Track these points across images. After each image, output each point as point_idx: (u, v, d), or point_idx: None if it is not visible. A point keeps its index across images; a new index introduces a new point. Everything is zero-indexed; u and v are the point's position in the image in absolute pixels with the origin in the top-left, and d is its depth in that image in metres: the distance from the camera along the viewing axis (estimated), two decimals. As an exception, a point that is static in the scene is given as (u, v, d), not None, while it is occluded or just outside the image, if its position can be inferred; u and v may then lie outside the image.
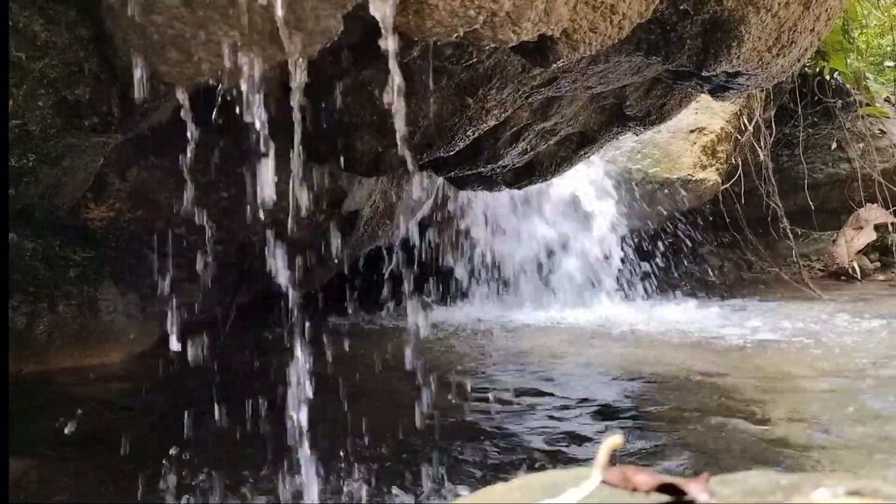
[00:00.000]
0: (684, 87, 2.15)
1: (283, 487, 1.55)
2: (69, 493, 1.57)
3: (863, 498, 0.49)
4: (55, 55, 1.34)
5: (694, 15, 1.71)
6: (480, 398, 2.23)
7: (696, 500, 0.52)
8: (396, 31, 1.26)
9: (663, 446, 1.80)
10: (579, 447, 1.81)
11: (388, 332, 3.38)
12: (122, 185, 2.18)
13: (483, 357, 2.85)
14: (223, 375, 2.28)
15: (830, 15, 1.98)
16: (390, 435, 1.82)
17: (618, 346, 3.07)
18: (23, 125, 1.45)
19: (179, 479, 1.58)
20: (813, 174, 5.18)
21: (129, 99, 1.41)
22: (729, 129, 4.45)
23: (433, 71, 1.72)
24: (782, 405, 2.09)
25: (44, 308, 2.47)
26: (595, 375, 2.54)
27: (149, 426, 2.02)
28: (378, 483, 1.59)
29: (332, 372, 2.54)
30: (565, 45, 1.50)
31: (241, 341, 2.96)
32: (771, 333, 3.18)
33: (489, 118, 1.97)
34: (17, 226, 2.20)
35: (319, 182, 2.51)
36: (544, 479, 0.58)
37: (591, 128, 2.48)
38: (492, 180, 2.68)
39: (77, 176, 1.97)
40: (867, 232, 4.90)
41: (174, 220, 2.33)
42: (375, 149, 1.95)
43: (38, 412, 2.11)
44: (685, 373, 2.51)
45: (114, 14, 1.25)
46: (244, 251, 2.65)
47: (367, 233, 3.03)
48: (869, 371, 2.47)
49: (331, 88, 1.80)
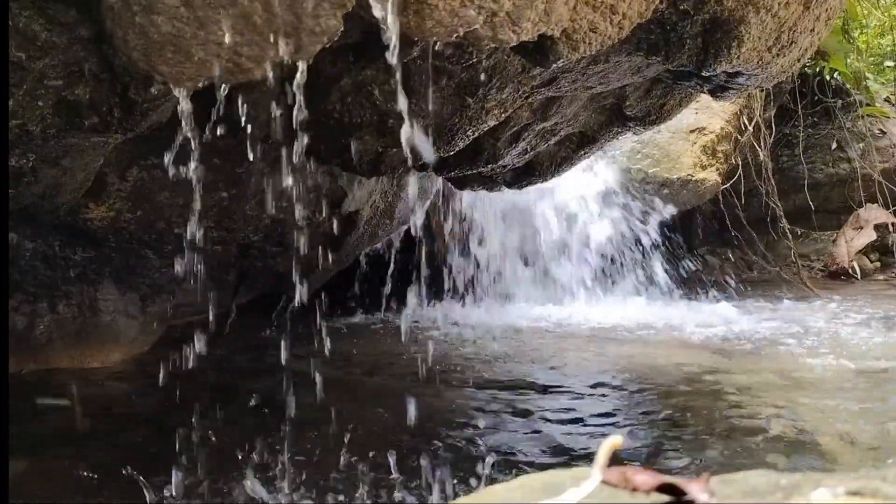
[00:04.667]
0: (684, 87, 2.15)
1: (283, 487, 1.55)
2: (69, 493, 1.58)
3: (863, 498, 0.49)
4: (55, 55, 1.34)
5: (694, 15, 1.71)
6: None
7: (697, 500, 0.52)
8: (392, 34, 1.26)
9: (663, 446, 1.80)
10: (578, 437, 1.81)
11: (387, 332, 3.38)
12: (122, 185, 2.18)
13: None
14: (223, 375, 2.28)
15: (830, 15, 1.97)
16: (390, 433, 1.82)
17: (615, 345, 3.07)
18: (23, 125, 1.45)
19: (179, 480, 1.58)
20: (813, 174, 5.18)
21: (129, 99, 1.41)
22: (729, 128, 4.45)
23: (433, 71, 1.72)
24: (782, 404, 2.09)
25: (44, 308, 2.47)
26: (594, 374, 2.54)
27: (148, 426, 2.01)
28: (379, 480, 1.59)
29: (334, 372, 2.54)
30: (565, 45, 1.50)
31: (241, 341, 2.96)
32: (771, 333, 3.18)
33: (489, 118, 1.97)
34: (17, 226, 2.20)
35: (319, 182, 2.51)
36: (544, 479, 0.58)
37: (591, 128, 2.48)
38: (492, 180, 2.68)
39: (77, 176, 1.96)
40: (867, 232, 4.90)
41: (174, 220, 2.32)
42: (375, 149, 1.95)
43: (38, 412, 2.11)
44: (685, 372, 2.51)
45: (114, 14, 1.25)
46: (244, 251, 2.65)
47: (368, 233, 3.03)
48: (869, 371, 2.47)
49: (331, 88, 1.80)
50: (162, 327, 2.82)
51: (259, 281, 2.99)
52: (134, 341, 2.72)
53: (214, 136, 1.53)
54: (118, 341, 2.66)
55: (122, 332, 2.66)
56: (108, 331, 2.62)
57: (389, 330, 3.43)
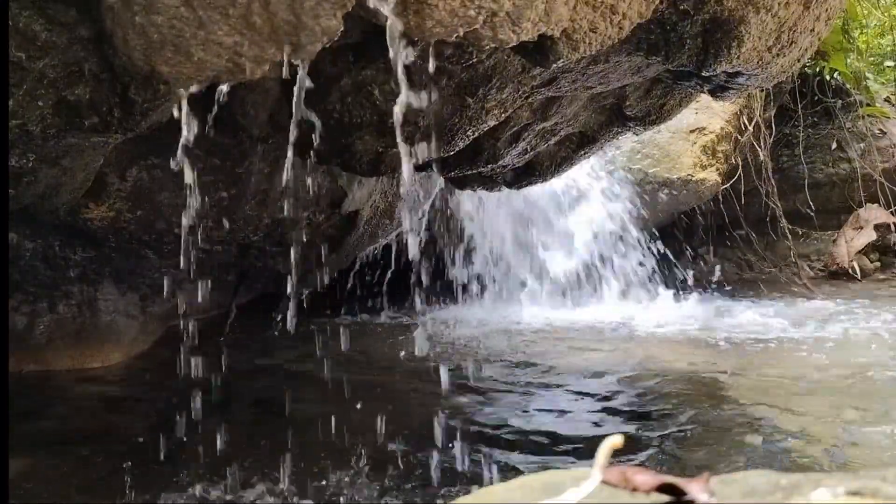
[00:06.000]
0: (684, 87, 2.15)
1: (283, 487, 1.55)
2: (69, 493, 1.58)
3: (863, 498, 0.49)
4: (55, 55, 1.34)
5: (694, 15, 1.71)
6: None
7: (696, 500, 0.52)
8: (395, 33, 1.26)
9: (664, 446, 1.80)
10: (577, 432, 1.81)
11: (388, 331, 3.38)
12: (122, 185, 2.17)
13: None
14: (223, 375, 2.28)
15: (830, 15, 1.97)
16: (389, 432, 1.82)
17: (615, 345, 3.07)
18: (23, 125, 1.45)
19: (179, 480, 1.58)
20: (813, 174, 5.18)
21: (129, 99, 1.41)
22: (729, 129, 4.45)
23: (433, 71, 1.72)
24: (782, 404, 2.09)
25: (44, 308, 2.47)
26: (594, 374, 2.54)
27: (148, 426, 2.01)
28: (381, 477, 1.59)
29: (334, 372, 2.54)
30: (565, 45, 1.50)
31: (240, 341, 2.96)
32: (771, 333, 3.18)
33: (489, 118, 1.97)
34: (17, 226, 2.20)
35: (319, 182, 2.51)
36: (544, 479, 0.58)
37: (592, 128, 2.48)
38: (492, 180, 2.68)
39: (77, 176, 1.96)
40: (867, 232, 4.90)
41: (174, 220, 2.32)
42: (375, 149, 1.95)
43: (39, 412, 2.11)
44: (686, 372, 2.51)
45: (114, 14, 1.25)
46: (244, 251, 2.65)
47: (368, 233, 3.02)
48: (869, 370, 2.47)
49: (331, 88, 1.80)
50: (162, 327, 2.82)
51: (259, 281, 2.99)
52: (134, 341, 2.72)
53: (215, 135, 1.53)
54: (118, 341, 2.66)
55: (122, 332, 2.67)
56: (108, 331, 2.62)
57: (390, 330, 3.43)
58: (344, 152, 1.96)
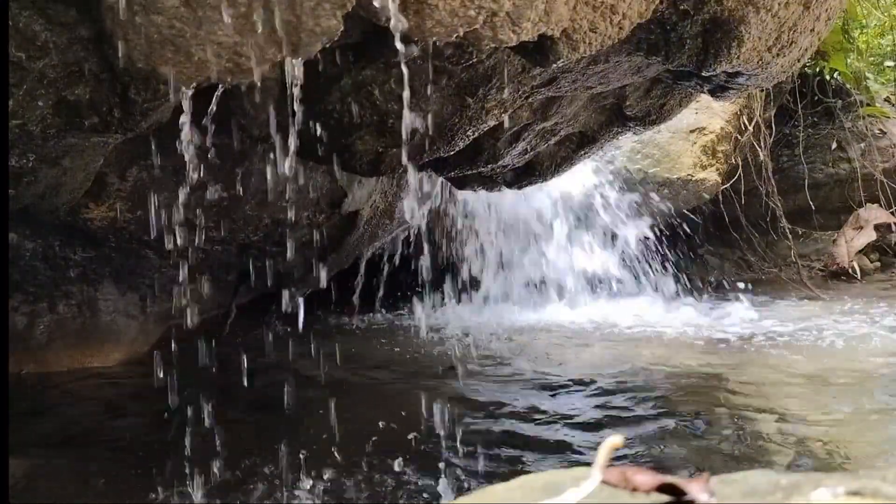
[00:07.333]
0: (684, 87, 2.15)
1: (283, 487, 1.55)
2: (69, 493, 1.57)
3: (863, 498, 0.49)
4: (55, 55, 1.34)
5: (694, 15, 1.71)
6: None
7: (697, 500, 0.52)
8: (397, 32, 1.26)
9: (664, 445, 1.80)
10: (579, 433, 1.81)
11: (387, 331, 3.38)
12: (122, 185, 2.17)
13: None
14: (223, 375, 2.28)
15: (830, 15, 1.97)
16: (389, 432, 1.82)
17: (615, 345, 3.07)
18: (23, 125, 1.45)
19: (179, 480, 1.58)
20: (813, 174, 5.17)
21: (129, 99, 1.41)
22: (729, 129, 4.44)
23: (433, 71, 1.72)
24: (782, 404, 2.09)
25: (44, 308, 2.47)
26: (594, 374, 2.54)
27: (148, 426, 2.01)
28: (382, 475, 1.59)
29: (334, 372, 2.54)
30: (565, 45, 1.50)
31: (240, 341, 2.96)
32: (771, 332, 3.17)
33: (489, 118, 1.97)
34: (17, 226, 2.19)
35: (319, 182, 2.51)
36: (544, 479, 0.58)
37: (592, 128, 2.48)
38: (492, 180, 2.68)
39: (77, 176, 1.96)
40: (867, 232, 4.90)
41: (174, 220, 2.32)
42: (375, 149, 1.95)
43: (39, 412, 2.11)
44: (686, 372, 2.51)
45: (114, 14, 1.25)
46: (244, 251, 2.65)
47: (368, 233, 3.02)
48: (869, 370, 2.47)
49: (331, 88, 1.80)
50: (162, 327, 2.82)
51: (259, 281, 2.99)
52: (134, 341, 2.72)
53: (214, 135, 1.53)
54: (118, 341, 2.66)
55: (122, 332, 2.66)
56: (108, 331, 2.62)
57: (390, 330, 3.43)
58: (344, 152, 1.96)
